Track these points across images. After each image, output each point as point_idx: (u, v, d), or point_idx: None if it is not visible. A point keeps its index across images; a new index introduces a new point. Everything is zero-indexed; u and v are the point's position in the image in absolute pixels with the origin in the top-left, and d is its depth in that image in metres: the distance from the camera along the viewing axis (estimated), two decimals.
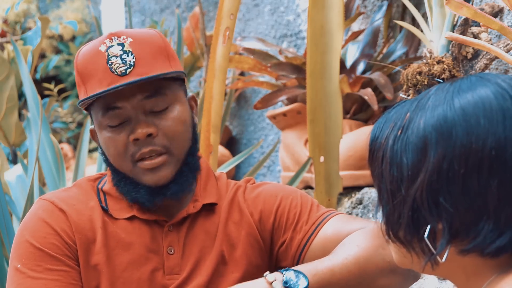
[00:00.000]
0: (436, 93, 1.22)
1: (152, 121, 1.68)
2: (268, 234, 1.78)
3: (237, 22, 3.47)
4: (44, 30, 3.60)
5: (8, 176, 2.90)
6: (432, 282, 2.32)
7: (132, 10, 4.97)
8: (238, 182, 1.85)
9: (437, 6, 2.31)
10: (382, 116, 1.27)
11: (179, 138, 1.71)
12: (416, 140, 1.19)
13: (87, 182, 1.80)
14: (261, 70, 3.03)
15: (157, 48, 1.70)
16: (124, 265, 1.69)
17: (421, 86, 2.28)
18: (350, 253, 1.65)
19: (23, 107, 4.13)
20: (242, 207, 1.78)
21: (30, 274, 1.65)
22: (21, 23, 5.13)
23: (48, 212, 1.71)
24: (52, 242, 1.68)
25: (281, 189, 1.82)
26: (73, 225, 1.70)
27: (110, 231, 1.72)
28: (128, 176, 1.71)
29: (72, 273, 1.67)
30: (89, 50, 1.71)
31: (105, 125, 1.70)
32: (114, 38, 1.69)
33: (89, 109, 1.74)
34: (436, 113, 1.19)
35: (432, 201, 1.17)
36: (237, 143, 4.03)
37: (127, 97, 1.67)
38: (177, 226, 1.74)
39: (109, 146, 1.70)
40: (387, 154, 1.22)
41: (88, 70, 1.69)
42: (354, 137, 2.83)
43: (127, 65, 1.66)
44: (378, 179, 1.25)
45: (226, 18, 2.73)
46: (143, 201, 1.70)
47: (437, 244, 1.18)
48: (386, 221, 1.24)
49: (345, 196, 2.82)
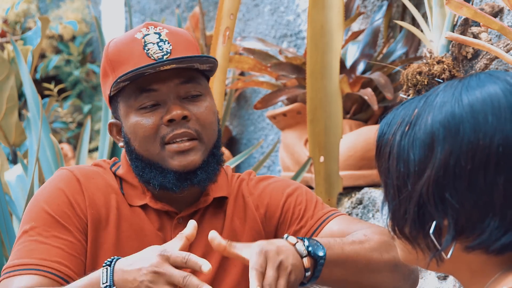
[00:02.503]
0: (444, 89, 1.22)
1: (186, 106, 1.70)
2: (273, 228, 1.79)
3: (237, 22, 3.47)
4: (44, 30, 3.60)
5: (8, 176, 2.90)
6: (432, 282, 2.32)
7: (132, 10, 4.97)
8: (241, 175, 1.86)
9: (437, 6, 2.31)
10: (390, 112, 1.28)
11: (210, 127, 1.72)
12: (424, 136, 1.19)
13: (105, 163, 1.81)
14: (261, 70, 3.03)
15: (190, 41, 1.74)
16: (133, 249, 1.69)
17: (421, 86, 2.28)
18: (359, 240, 1.67)
19: (23, 107, 4.13)
20: (247, 201, 1.79)
21: (36, 237, 1.66)
22: (21, 23, 5.13)
23: (65, 181, 1.72)
24: (64, 211, 1.68)
25: (287, 184, 1.83)
26: (87, 199, 1.71)
27: (124, 214, 1.72)
28: (154, 162, 1.71)
29: (77, 245, 1.67)
30: (124, 38, 1.73)
31: (136, 108, 1.70)
32: (151, 27, 1.72)
33: (115, 97, 1.74)
34: (444, 109, 1.19)
35: (438, 197, 1.17)
36: (237, 143, 4.03)
37: (163, 80, 1.69)
38: (187, 219, 1.74)
39: (138, 130, 1.70)
40: (394, 150, 1.22)
41: (121, 57, 1.70)
42: (354, 137, 2.83)
43: (164, 51, 1.69)
44: (384, 175, 1.25)
45: (226, 18, 2.73)
46: (171, 186, 1.70)
47: (442, 240, 1.19)
48: (392, 217, 1.24)
49: (345, 196, 2.82)
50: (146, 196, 1.74)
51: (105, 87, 1.75)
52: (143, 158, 1.72)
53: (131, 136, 1.72)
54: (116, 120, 1.77)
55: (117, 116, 1.76)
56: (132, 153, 1.73)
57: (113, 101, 1.75)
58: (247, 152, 3.07)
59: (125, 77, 1.67)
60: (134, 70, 1.66)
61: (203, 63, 1.72)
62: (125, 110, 1.72)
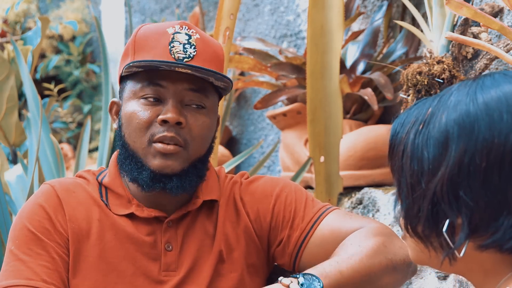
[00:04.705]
0: (458, 89, 1.23)
1: (184, 113, 1.70)
2: (265, 233, 1.78)
3: (237, 22, 3.47)
4: (44, 30, 3.60)
5: (8, 176, 2.90)
6: (432, 282, 2.32)
7: (132, 10, 4.97)
8: (233, 177, 1.85)
9: (437, 6, 2.31)
10: (402, 112, 1.28)
11: (200, 141, 1.72)
12: (438, 134, 1.20)
13: (89, 173, 1.81)
14: (261, 70, 3.03)
15: (217, 55, 1.74)
16: (119, 259, 1.70)
17: (421, 86, 2.28)
18: (354, 253, 1.66)
19: (23, 107, 4.13)
20: (238, 206, 1.79)
21: (21, 257, 1.67)
22: (21, 23, 5.13)
23: (46, 197, 1.73)
24: (45, 227, 1.70)
25: (275, 184, 1.83)
26: (67, 213, 1.71)
27: (108, 224, 1.72)
28: (137, 155, 1.71)
29: (59, 261, 1.69)
30: (156, 27, 1.74)
31: (139, 97, 1.71)
32: (185, 27, 1.72)
33: (125, 79, 1.74)
34: (459, 107, 1.19)
35: (452, 195, 1.17)
36: (237, 143, 4.03)
37: (174, 81, 1.69)
38: (177, 223, 1.74)
39: (133, 118, 1.71)
40: (408, 148, 1.23)
41: (146, 44, 1.71)
42: (354, 137, 2.83)
43: (186, 55, 1.69)
44: (398, 173, 1.25)
45: (226, 18, 2.73)
46: (143, 183, 1.70)
47: (455, 239, 1.18)
48: (405, 215, 1.24)
49: (345, 196, 2.82)
50: (132, 204, 1.74)
51: (121, 66, 1.76)
52: (129, 148, 1.72)
53: (124, 122, 1.73)
54: (119, 100, 1.78)
55: (121, 97, 1.76)
56: (120, 139, 1.74)
57: (122, 82, 1.76)
58: (247, 152, 3.07)
59: (139, 64, 1.68)
60: (150, 61, 1.67)
61: (218, 80, 1.72)
62: (129, 94, 1.73)
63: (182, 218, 1.75)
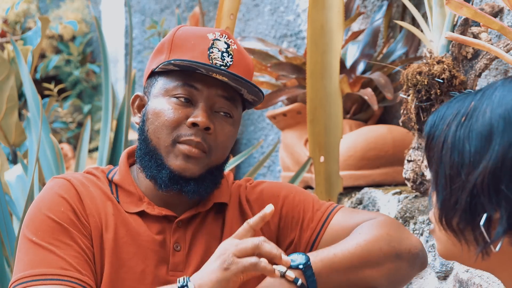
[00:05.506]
0: (503, 84, 1.23)
1: (213, 119, 1.70)
2: (273, 234, 1.79)
3: (237, 22, 3.47)
4: (44, 30, 3.60)
5: (8, 176, 2.90)
6: (432, 282, 2.32)
7: (132, 10, 4.97)
8: (239, 182, 1.86)
9: (437, 6, 2.31)
10: (441, 106, 1.28)
11: (222, 150, 1.72)
12: (481, 127, 1.19)
13: (98, 170, 1.79)
14: (261, 70, 3.03)
15: (250, 69, 1.75)
16: (130, 255, 1.69)
17: (421, 86, 2.28)
18: (353, 239, 1.68)
19: (23, 107, 4.13)
20: (245, 208, 1.79)
21: (47, 247, 1.62)
22: (21, 23, 5.13)
23: (64, 189, 1.70)
24: (70, 217, 1.66)
25: (280, 186, 1.84)
26: (86, 207, 1.69)
27: (121, 220, 1.71)
28: (158, 153, 1.70)
29: (88, 252, 1.66)
30: (196, 30, 1.74)
31: (170, 95, 1.70)
32: (225, 35, 1.72)
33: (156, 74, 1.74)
34: (504, 102, 1.19)
35: (493, 189, 1.17)
36: (237, 143, 4.03)
37: (208, 85, 1.69)
38: (186, 223, 1.74)
39: (160, 115, 1.69)
40: (449, 140, 1.23)
41: (185, 44, 1.71)
42: (354, 137, 2.83)
43: (223, 62, 1.69)
44: (436, 165, 1.25)
45: (226, 18, 2.73)
46: (161, 183, 1.69)
47: (491, 233, 1.18)
48: (441, 207, 1.24)
49: (345, 196, 2.82)
50: (143, 202, 1.73)
51: (153, 62, 1.75)
52: (150, 144, 1.71)
53: (150, 117, 1.71)
54: (144, 95, 1.77)
55: (148, 92, 1.75)
56: (142, 134, 1.73)
57: (152, 77, 1.75)
58: (247, 152, 3.07)
59: (180, 62, 1.67)
60: (192, 61, 1.67)
61: (250, 93, 1.72)
62: (159, 91, 1.72)
63: (191, 218, 1.75)
